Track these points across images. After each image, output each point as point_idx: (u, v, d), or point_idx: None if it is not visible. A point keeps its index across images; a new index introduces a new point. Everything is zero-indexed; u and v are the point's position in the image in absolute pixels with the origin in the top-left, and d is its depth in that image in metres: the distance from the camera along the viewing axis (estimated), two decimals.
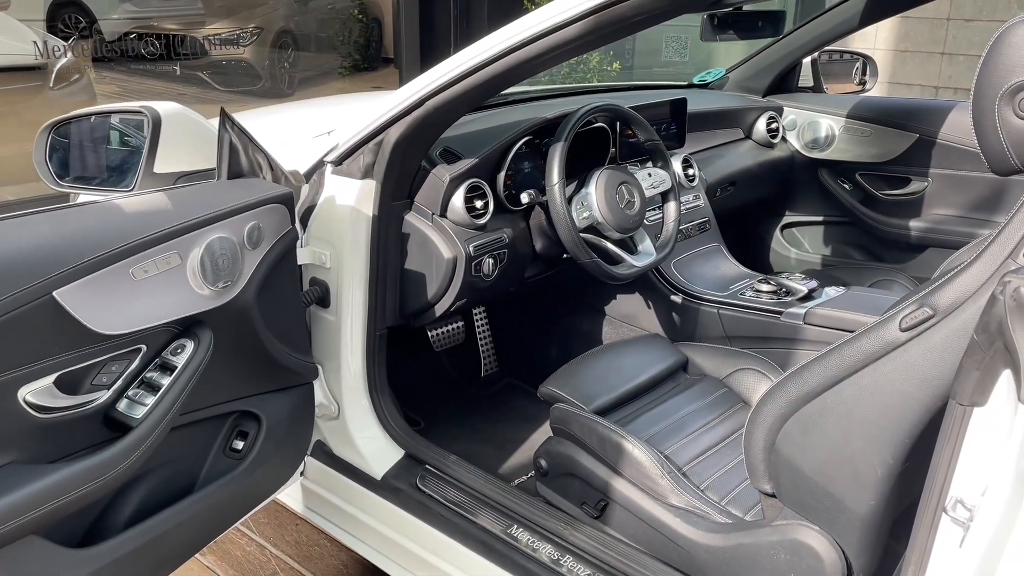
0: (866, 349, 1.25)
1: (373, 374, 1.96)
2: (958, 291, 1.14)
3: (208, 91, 8.21)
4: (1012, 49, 1.09)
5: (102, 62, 7.73)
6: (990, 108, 1.14)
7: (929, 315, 1.17)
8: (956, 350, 1.12)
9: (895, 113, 2.68)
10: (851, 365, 1.27)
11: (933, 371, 1.16)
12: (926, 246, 2.68)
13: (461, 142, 1.94)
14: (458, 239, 1.84)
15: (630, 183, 1.97)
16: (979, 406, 1.07)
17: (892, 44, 6.57)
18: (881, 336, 1.23)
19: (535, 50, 1.51)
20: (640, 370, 1.99)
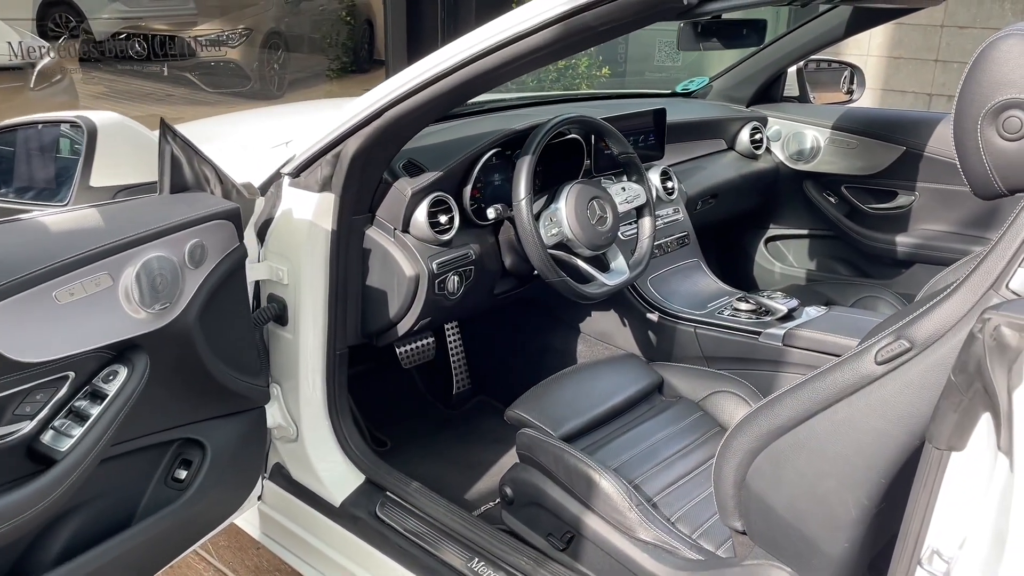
0: (840, 382, 1.17)
1: (333, 395, 1.88)
2: (936, 323, 1.07)
3: (197, 92, 8.13)
4: (996, 65, 1.02)
5: (89, 62, 7.65)
6: (972, 128, 1.07)
7: (906, 348, 1.10)
8: (934, 386, 1.05)
9: (882, 125, 2.60)
10: (824, 399, 1.20)
11: (910, 408, 1.09)
12: (913, 262, 2.61)
13: (426, 154, 1.86)
14: (420, 256, 1.76)
15: (602, 198, 1.88)
16: (957, 451, 1.00)
17: (886, 51, 6.55)
18: (856, 369, 1.15)
19: (499, 60, 1.44)
20: (613, 392, 1.91)
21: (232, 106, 8.14)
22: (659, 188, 2.31)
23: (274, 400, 1.89)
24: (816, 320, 1.99)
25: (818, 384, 1.21)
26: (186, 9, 8.43)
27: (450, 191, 1.83)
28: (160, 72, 8.08)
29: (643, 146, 2.32)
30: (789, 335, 1.94)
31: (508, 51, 1.42)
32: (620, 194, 1.96)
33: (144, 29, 7.80)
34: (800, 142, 2.75)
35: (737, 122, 2.72)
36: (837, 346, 1.87)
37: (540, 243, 1.74)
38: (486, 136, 1.89)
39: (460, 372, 2.46)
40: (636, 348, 2.23)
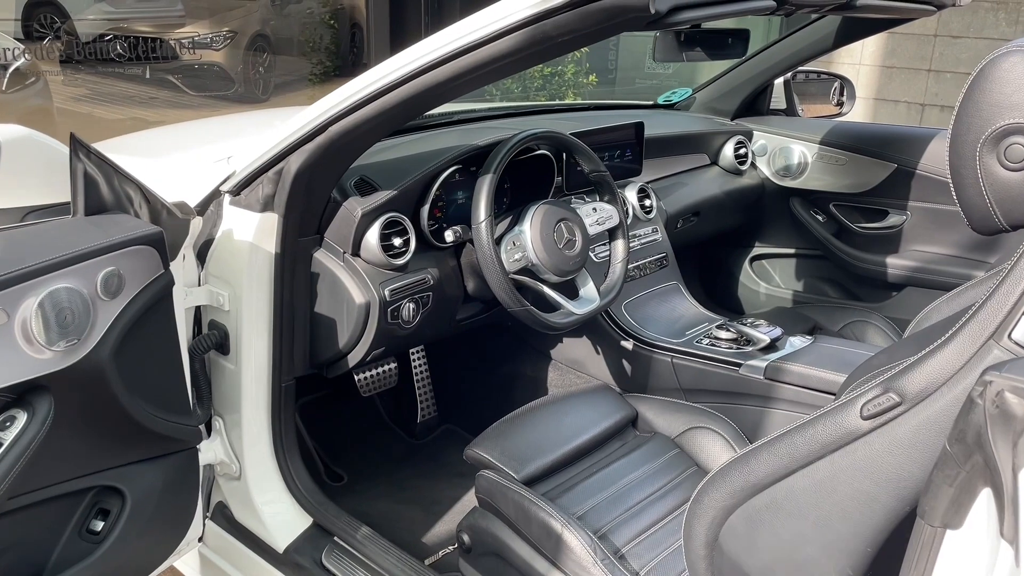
0: (822, 437, 1.04)
1: (279, 430, 1.75)
2: (929, 376, 0.94)
3: (180, 95, 7.99)
4: (997, 85, 0.89)
5: (71, 64, 7.53)
6: (970, 156, 0.95)
7: (895, 403, 0.97)
8: (926, 447, 0.92)
9: (872, 141, 2.47)
10: (804, 455, 1.06)
11: (899, 470, 0.96)
12: (904, 285, 2.48)
13: (381, 171, 1.72)
14: (371, 282, 1.62)
15: (570, 220, 1.75)
16: (952, 529, 0.87)
17: (879, 60, 6.49)
18: (839, 423, 1.02)
19: (451, 72, 1.31)
20: (582, 428, 1.77)
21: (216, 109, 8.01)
22: (636, 206, 2.17)
23: (216, 434, 1.76)
24: (801, 352, 1.86)
25: (797, 438, 1.07)
26: (174, 11, 8.31)
27: (406, 211, 1.69)
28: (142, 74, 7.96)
29: (620, 162, 2.18)
30: (772, 368, 1.81)
31: (461, 63, 1.30)
32: (591, 215, 1.82)
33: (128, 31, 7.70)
34: (787, 157, 2.62)
35: (721, 136, 2.59)
36: (822, 381, 1.74)
37: (500, 269, 1.60)
38: (446, 152, 1.75)
39: (425, 400, 2.32)
40: (610, 378, 2.09)
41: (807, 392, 1.76)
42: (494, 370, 2.27)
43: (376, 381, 2.17)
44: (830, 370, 1.74)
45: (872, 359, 1.31)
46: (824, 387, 1.74)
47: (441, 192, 1.80)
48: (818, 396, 1.75)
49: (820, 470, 1.04)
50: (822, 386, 1.74)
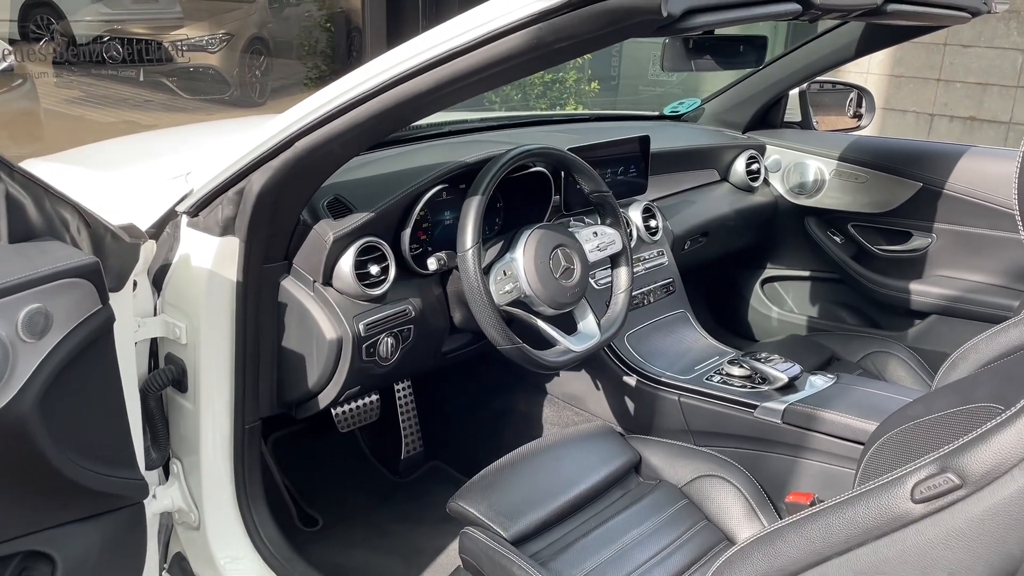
0: (864, 521, 0.86)
1: (242, 477, 1.57)
2: (998, 455, 0.78)
3: (175, 98, 7.84)
4: None
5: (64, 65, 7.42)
6: None
7: (954, 485, 0.80)
8: (992, 542, 0.76)
9: (896, 157, 2.30)
10: (842, 541, 0.89)
11: (959, 565, 0.78)
12: (929, 313, 2.30)
13: (358, 190, 1.54)
14: (344, 315, 1.45)
15: (568, 246, 1.57)
16: None
17: (887, 69, 6.38)
18: (886, 505, 0.84)
19: (432, 82, 1.14)
20: (580, 475, 1.60)
21: (211, 113, 7.86)
22: (640, 227, 2.00)
23: (175, 478, 1.58)
24: (823, 393, 1.68)
25: (833, 520, 0.90)
26: (171, 13, 8.18)
27: (385, 236, 1.51)
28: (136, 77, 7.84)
29: (623, 178, 2.01)
30: (791, 412, 1.63)
31: (442, 72, 1.13)
32: (591, 240, 1.65)
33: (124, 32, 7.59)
34: (802, 174, 2.44)
35: (732, 150, 2.41)
36: (849, 429, 1.56)
37: (489, 303, 1.42)
38: (431, 169, 1.57)
39: (411, 434, 2.14)
40: (611, 416, 1.91)
41: (831, 440, 1.59)
42: (485, 404, 2.09)
43: (356, 416, 1.99)
44: (857, 416, 1.56)
45: (907, 409, 1.11)
46: (851, 435, 1.56)
47: (426, 213, 1.63)
48: (843, 445, 1.57)
49: (860, 559, 0.87)
50: (848, 434, 1.57)
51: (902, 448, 1.00)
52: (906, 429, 1.03)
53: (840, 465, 1.59)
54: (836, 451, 1.59)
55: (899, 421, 1.07)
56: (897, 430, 1.04)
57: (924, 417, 1.01)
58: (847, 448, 1.57)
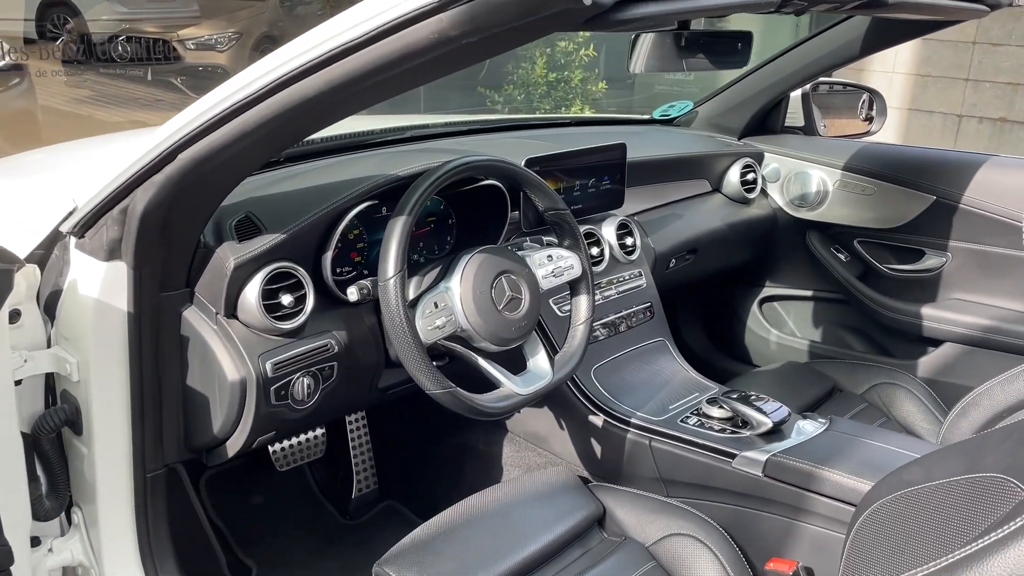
0: None
1: (145, 531, 1.39)
2: None
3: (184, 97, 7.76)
4: None
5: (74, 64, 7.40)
6: None
7: None
8: None
9: (906, 167, 2.07)
10: None
11: None
12: (942, 341, 2.07)
13: (274, 207, 1.35)
14: (248, 353, 1.26)
15: (515, 273, 1.37)
16: None
17: (913, 68, 6.18)
18: None
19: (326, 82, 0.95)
20: (534, 532, 1.40)
21: None
22: (614, 246, 1.79)
23: (75, 529, 1.40)
24: (812, 443, 1.46)
25: None
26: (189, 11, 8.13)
27: (302, 260, 1.32)
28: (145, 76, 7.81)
29: (595, 191, 1.80)
30: (773, 463, 1.42)
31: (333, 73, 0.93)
32: (545, 264, 1.44)
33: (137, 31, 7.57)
34: (804, 184, 2.22)
35: (725, 158, 2.19)
36: (839, 488, 1.35)
37: (413, 340, 1.22)
38: (359, 183, 1.38)
39: (363, 471, 1.95)
40: (576, 458, 1.71)
41: (819, 499, 1.37)
42: (442, 440, 1.89)
43: (297, 452, 1.80)
44: (850, 474, 1.35)
45: (904, 472, 0.95)
46: (841, 495, 1.35)
47: (362, 232, 1.44)
48: (832, 506, 1.36)
49: None
50: (838, 494, 1.35)
51: (898, 520, 0.86)
52: (903, 497, 0.88)
53: (829, 528, 1.38)
54: (824, 512, 1.37)
55: (895, 485, 0.91)
56: (893, 496, 0.89)
57: (923, 484, 0.86)
58: (837, 509, 1.36)
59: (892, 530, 0.84)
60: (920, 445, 1.44)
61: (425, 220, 1.57)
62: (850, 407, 1.90)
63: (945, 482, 0.84)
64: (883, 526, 0.87)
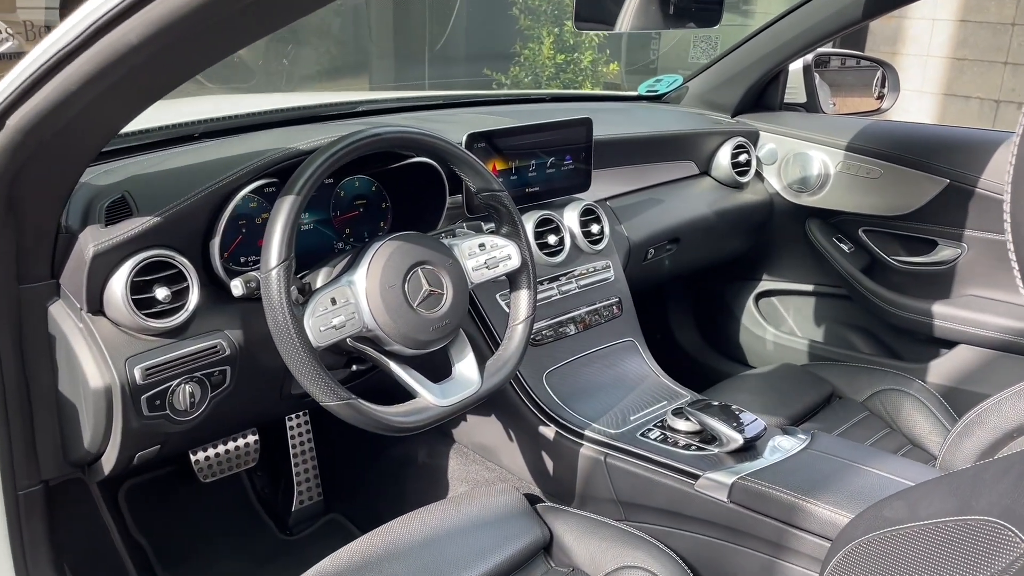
0: None
1: (21, 555, 1.22)
2: None
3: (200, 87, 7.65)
4: None
5: None
6: None
7: None
8: None
9: (918, 147, 1.84)
10: None
11: None
12: (956, 342, 1.85)
13: (156, 186, 1.17)
14: (112, 356, 1.08)
15: (435, 264, 1.17)
16: None
17: (949, 51, 5.90)
18: None
19: (143, 28, 0.77)
20: (470, 559, 1.21)
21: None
22: (578, 234, 1.59)
23: None
24: (788, 464, 1.26)
25: None
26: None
27: (185, 248, 1.14)
28: None
29: (556, 172, 1.60)
30: (740, 488, 1.22)
31: (152, 13, 0.75)
32: (476, 255, 1.24)
33: None
34: (803, 166, 1.99)
35: (714, 137, 1.97)
36: (812, 519, 1.14)
37: (301, 342, 1.03)
38: (253, 158, 1.19)
39: (305, 480, 1.77)
40: (526, 474, 1.51)
41: (793, 533, 1.17)
42: (384, 450, 1.71)
43: (225, 462, 1.63)
44: (826, 504, 1.14)
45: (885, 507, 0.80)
46: (816, 528, 1.14)
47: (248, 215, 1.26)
48: (806, 540, 1.15)
49: None
50: (813, 526, 1.14)
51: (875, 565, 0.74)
52: (882, 538, 0.75)
53: (801, 565, 1.17)
54: (800, 548, 1.17)
55: (874, 523, 0.77)
56: (870, 536, 0.76)
57: (906, 523, 0.73)
58: (810, 544, 1.15)
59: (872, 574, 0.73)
60: (915, 470, 1.22)
61: (353, 204, 1.39)
62: (849, 417, 1.69)
63: (932, 523, 0.70)
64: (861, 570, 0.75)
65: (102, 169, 1.27)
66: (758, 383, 1.82)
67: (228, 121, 1.53)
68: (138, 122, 1.55)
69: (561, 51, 4.70)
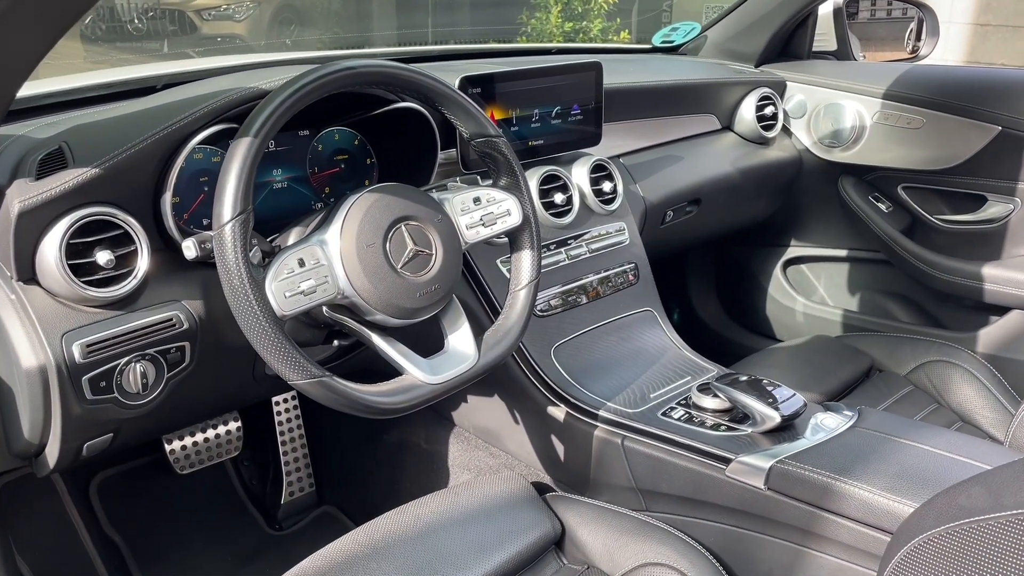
0: None
1: None
2: None
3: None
4: None
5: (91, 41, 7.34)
6: None
7: None
8: None
9: (964, 91, 1.68)
10: None
11: None
12: (1008, 308, 1.68)
13: (98, 136, 1.02)
14: (45, 330, 0.93)
15: (422, 220, 1.01)
16: None
17: (971, 17, 5.80)
18: None
19: None
20: (474, 557, 1.07)
21: None
22: (588, 193, 1.42)
23: None
24: (832, 444, 1.10)
25: None
26: None
27: (132, 205, 0.99)
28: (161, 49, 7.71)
29: (563, 125, 1.43)
30: (778, 472, 1.06)
31: None
32: (471, 210, 1.08)
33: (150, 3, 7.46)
34: (836, 119, 1.83)
35: (737, 88, 1.81)
36: (865, 508, 0.99)
37: (259, 311, 0.88)
38: (205, 101, 1.03)
39: (296, 470, 1.63)
40: (534, 460, 1.36)
41: (840, 522, 1.01)
42: (379, 436, 1.56)
43: (204, 452, 1.49)
44: (882, 490, 0.98)
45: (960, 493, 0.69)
46: (870, 519, 0.98)
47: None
48: (857, 532, 1.00)
49: None
50: (866, 516, 0.99)
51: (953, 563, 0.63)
52: (959, 530, 0.64)
53: (851, 560, 1.02)
54: (846, 539, 1.01)
55: (948, 513, 0.67)
56: (945, 528, 0.66)
57: (988, 514, 0.63)
58: (863, 537, 0.99)
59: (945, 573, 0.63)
60: (983, 449, 1.06)
61: (332, 160, 1.23)
62: (892, 391, 1.53)
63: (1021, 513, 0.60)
64: (933, 568, 0.65)
65: (44, 122, 1.12)
66: (789, 357, 1.66)
67: (193, 74, 1.37)
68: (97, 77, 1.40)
69: (569, 19, 4.53)
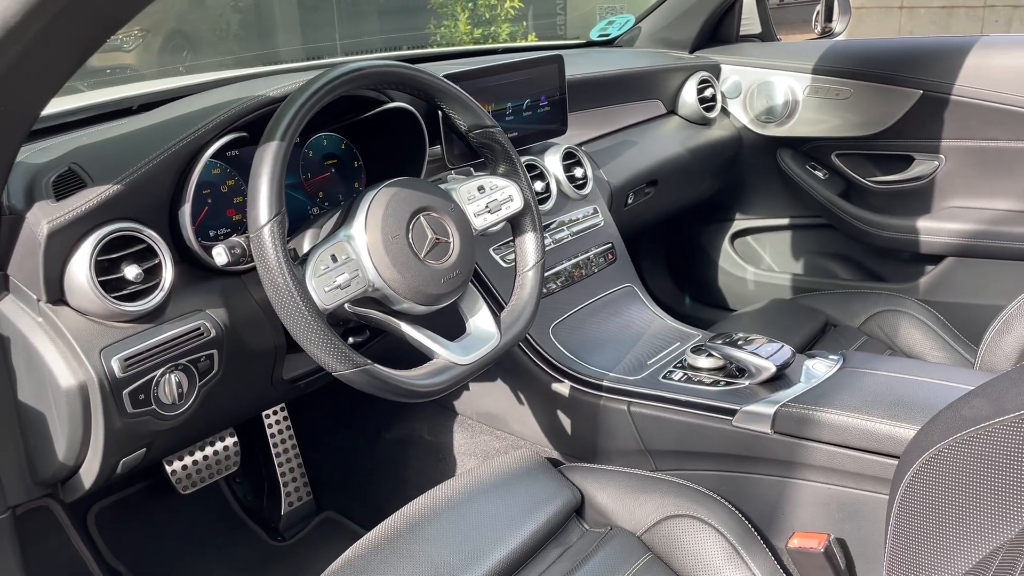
0: None
1: None
2: None
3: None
4: None
5: None
6: None
7: None
8: None
9: (886, 61, 1.81)
10: None
11: None
12: (942, 256, 1.82)
13: (108, 154, 1.03)
14: (85, 349, 0.93)
15: (437, 210, 1.06)
16: None
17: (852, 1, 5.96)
18: None
19: None
20: (499, 532, 1.11)
21: None
22: (562, 179, 1.49)
23: None
24: (827, 384, 1.19)
25: None
26: None
27: (151, 219, 1.00)
28: None
29: (530, 116, 1.49)
30: (783, 416, 1.14)
31: None
32: (476, 199, 1.13)
33: None
34: (769, 96, 1.94)
35: (678, 74, 1.90)
36: (874, 438, 1.07)
37: (304, 307, 0.91)
38: (218, 111, 1.05)
39: (292, 480, 1.63)
40: (542, 437, 1.41)
41: (847, 454, 1.10)
42: (379, 434, 1.58)
43: (204, 470, 1.48)
44: (884, 418, 1.07)
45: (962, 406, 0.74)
46: (875, 446, 1.07)
47: (239, 180, 1.13)
48: (865, 460, 1.09)
49: None
50: (873, 444, 1.08)
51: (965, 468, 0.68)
52: (967, 438, 0.69)
53: (861, 487, 1.10)
54: (854, 468, 1.10)
55: (954, 424, 0.71)
56: (953, 439, 0.70)
57: (993, 419, 0.67)
58: (871, 463, 1.08)
59: (959, 482, 0.68)
60: (964, 374, 1.17)
61: (323, 165, 1.26)
62: (849, 343, 1.65)
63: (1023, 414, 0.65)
64: (945, 478, 0.70)
65: (35, 147, 1.11)
66: (751, 321, 1.76)
67: (169, 92, 1.37)
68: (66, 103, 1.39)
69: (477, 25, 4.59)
